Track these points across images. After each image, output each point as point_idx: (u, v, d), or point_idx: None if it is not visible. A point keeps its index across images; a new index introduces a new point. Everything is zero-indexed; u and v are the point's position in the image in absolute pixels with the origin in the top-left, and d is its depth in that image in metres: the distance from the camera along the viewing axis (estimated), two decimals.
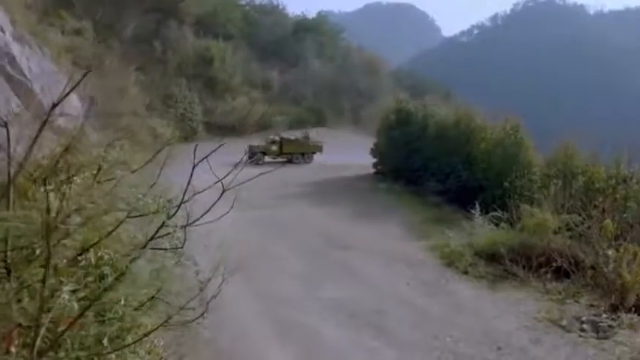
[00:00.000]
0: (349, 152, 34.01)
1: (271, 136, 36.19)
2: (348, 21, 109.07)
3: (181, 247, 5.52)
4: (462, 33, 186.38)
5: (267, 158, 34.14)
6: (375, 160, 30.42)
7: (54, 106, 5.09)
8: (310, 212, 21.51)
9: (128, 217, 4.69)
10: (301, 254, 16.18)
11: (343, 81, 55.73)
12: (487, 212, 16.92)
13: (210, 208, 5.86)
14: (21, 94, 19.53)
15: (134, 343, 4.67)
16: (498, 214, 15.88)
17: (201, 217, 5.81)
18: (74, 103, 24.76)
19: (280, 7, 64.39)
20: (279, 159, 34.69)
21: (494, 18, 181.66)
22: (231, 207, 5.86)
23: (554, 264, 13.31)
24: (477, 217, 16.48)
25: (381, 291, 13.23)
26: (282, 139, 35.42)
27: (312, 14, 67.42)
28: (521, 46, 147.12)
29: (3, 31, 21.10)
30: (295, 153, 35.12)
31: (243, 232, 18.15)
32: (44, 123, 4.77)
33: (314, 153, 35.76)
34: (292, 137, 36.11)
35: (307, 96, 53.56)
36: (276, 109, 49.59)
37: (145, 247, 4.85)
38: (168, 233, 5.18)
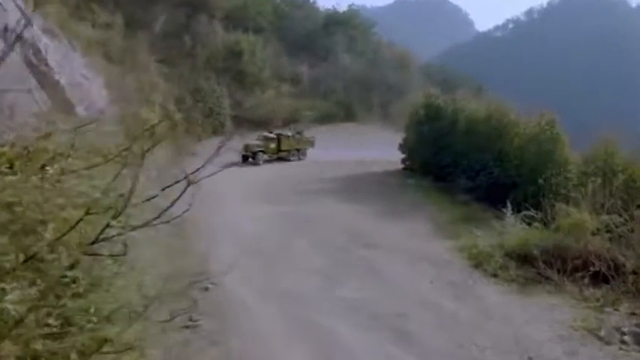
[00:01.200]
0: (377, 148, 33.18)
1: (266, 134, 33.74)
2: (380, 16, 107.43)
3: (124, 255, 4.92)
4: (497, 27, 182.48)
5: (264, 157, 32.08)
6: (403, 155, 29.58)
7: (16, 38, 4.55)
8: (336, 208, 20.90)
9: (88, 214, 4.15)
10: (325, 251, 15.62)
11: (373, 76, 54.73)
12: (519, 211, 16.02)
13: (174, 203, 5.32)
14: (46, 85, 19.51)
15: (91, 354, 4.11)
16: (531, 212, 14.94)
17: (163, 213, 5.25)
18: (100, 93, 24.72)
19: (311, 0, 63.71)
20: (274, 156, 32.65)
21: (529, 12, 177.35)
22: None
23: (591, 268, 12.43)
24: (508, 215, 15.55)
25: (405, 292, 12.55)
26: (279, 135, 33.42)
27: (343, 8, 66.48)
28: (557, 41, 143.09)
29: (31, 24, 21.10)
30: (291, 150, 33.51)
31: (269, 227, 17.81)
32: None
33: (306, 149, 34.48)
34: (289, 133, 34.22)
35: (337, 91, 52.79)
36: (305, 104, 48.96)
37: (86, 252, 4.29)
38: (113, 236, 4.59)
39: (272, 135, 33.33)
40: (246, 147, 31.23)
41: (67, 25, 28.59)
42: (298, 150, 33.91)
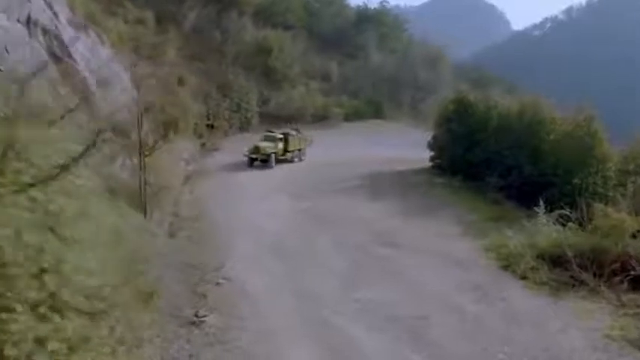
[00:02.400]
0: (405, 146, 32.25)
1: (269, 133, 30.23)
2: (414, 15, 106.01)
3: None
4: (534, 26, 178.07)
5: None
6: (432, 153, 28.63)
7: None
8: (360, 206, 20.24)
9: None
10: (345, 250, 15.02)
11: (404, 74, 53.88)
12: (552, 211, 14.95)
13: None
14: (65, 73, 19.43)
15: None
16: (565, 212, 13.87)
17: None
18: (125, 85, 24.53)
19: None
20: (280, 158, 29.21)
21: (568, 10, 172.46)
22: None
23: (631, 272, 11.41)
24: (540, 214, 14.50)
25: (427, 294, 11.80)
26: (286, 134, 30.12)
27: (374, 5, 65.45)
28: (597, 40, 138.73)
29: (56, 16, 21.09)
30: (295, 150, 30.55)
31: (289, 225, 17.52)
32: None
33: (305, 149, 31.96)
34: (293, 132, 31.07)
35: (366, 88, 52.16)
36: (334, 101, 48.43)
37: None
38: None
39: (279, 134, 30.05)
40: (257, 149, 28.00)
41: (98, 19, 28.65)
42: (299, 150, 31.22)
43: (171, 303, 10.80)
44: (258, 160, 27.91)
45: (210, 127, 35.59)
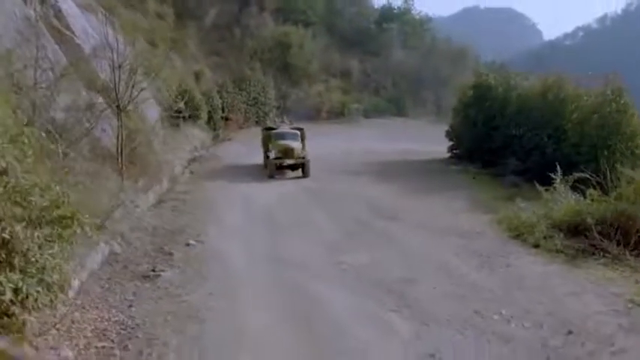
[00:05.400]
0: (424, 140, 30.70)
1: (276, 129, 23.47)
2: (445, 26, 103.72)
3: None
4: (566, 35, 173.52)
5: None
6: (449, 143, 27.00)
7: None
8: (368, 187, 18.96)
9: None
10: (341, 222, 13.78)
11: (427, 72, 52.43)
12: (574, 191, 13.20)
13: None
14: (62, 43, 18.81)
15: None
16: (585, 175, 12.15)
17: None
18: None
19: None
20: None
21: (602, 19, 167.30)
22: None
23: None
24: (557, 182, 12.77)
25: (421, 260, 10.36)
26: (301, 130, 23.23)
27: (398, 3, 64.16)
28: (632, 51, 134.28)
29: None
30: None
31: (291, 199, 17.07)
32: None
33: None
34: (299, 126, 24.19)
35: (387, 86, 50.96)
36: (354, 98, 47.31)
37: None
38: None
39: (295, 130, 23.05)
40: (290, 151, 20.66)
41: (113, 7, 28.18)
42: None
43: (129, 258, 9.70)
44: (287, 165, 20.78)
45: (225, 119, 35.04)
